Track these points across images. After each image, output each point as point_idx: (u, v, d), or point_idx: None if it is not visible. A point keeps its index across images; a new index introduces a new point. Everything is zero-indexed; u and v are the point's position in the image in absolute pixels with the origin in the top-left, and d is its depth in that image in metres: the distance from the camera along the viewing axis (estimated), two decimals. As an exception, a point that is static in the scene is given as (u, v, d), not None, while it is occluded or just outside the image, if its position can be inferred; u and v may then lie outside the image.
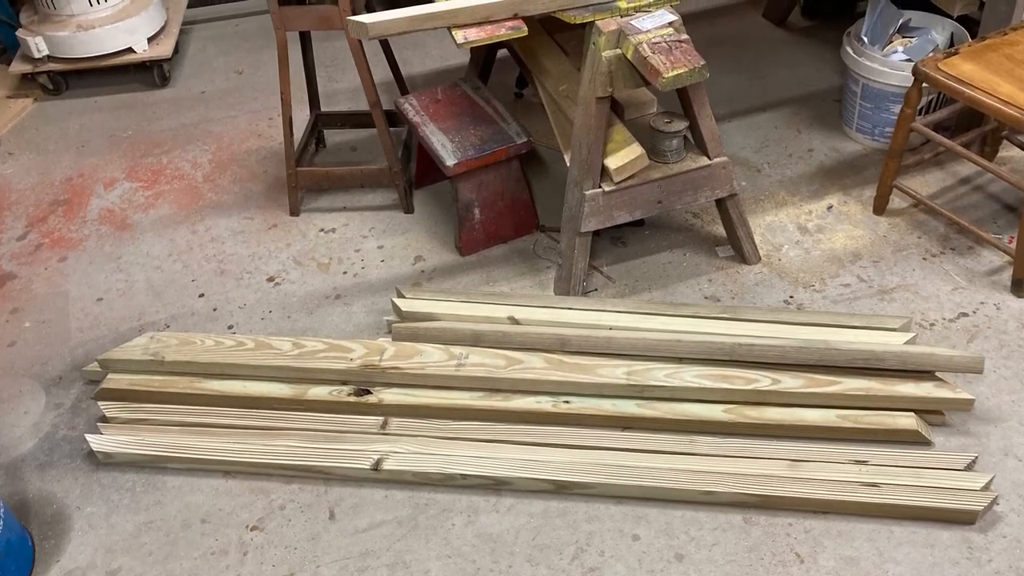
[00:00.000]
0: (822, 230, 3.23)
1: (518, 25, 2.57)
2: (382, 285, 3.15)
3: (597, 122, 2.70)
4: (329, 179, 3.44)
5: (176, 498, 2.52)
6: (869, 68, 3.37)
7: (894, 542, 2.28)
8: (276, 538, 2.41)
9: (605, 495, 2.42)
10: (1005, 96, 2.74)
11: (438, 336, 2.74)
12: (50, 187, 3.76)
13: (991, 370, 2.68)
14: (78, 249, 3.43)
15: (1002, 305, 2.89)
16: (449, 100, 3.34)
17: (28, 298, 3.22)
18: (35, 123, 4.19)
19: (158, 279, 3.26)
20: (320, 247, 3.35)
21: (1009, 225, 3.15)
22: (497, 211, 3.22)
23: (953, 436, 2.51)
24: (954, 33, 3.49)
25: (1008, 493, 2.36)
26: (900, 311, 2.89)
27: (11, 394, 2.86)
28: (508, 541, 2.35)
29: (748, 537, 2.32)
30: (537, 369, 2.62)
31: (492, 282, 3.13)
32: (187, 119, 4.13)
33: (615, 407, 2.57)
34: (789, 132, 3.72)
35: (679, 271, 3.11)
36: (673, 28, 2.55)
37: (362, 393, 2.65)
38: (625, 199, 2.86)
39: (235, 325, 3.05)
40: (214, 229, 3.47)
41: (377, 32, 2.54)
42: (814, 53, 4.20)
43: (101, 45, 4.19)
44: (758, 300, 2.98)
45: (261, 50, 4.61)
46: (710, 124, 2.85)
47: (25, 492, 2.56)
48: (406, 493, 2.48)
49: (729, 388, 2.54)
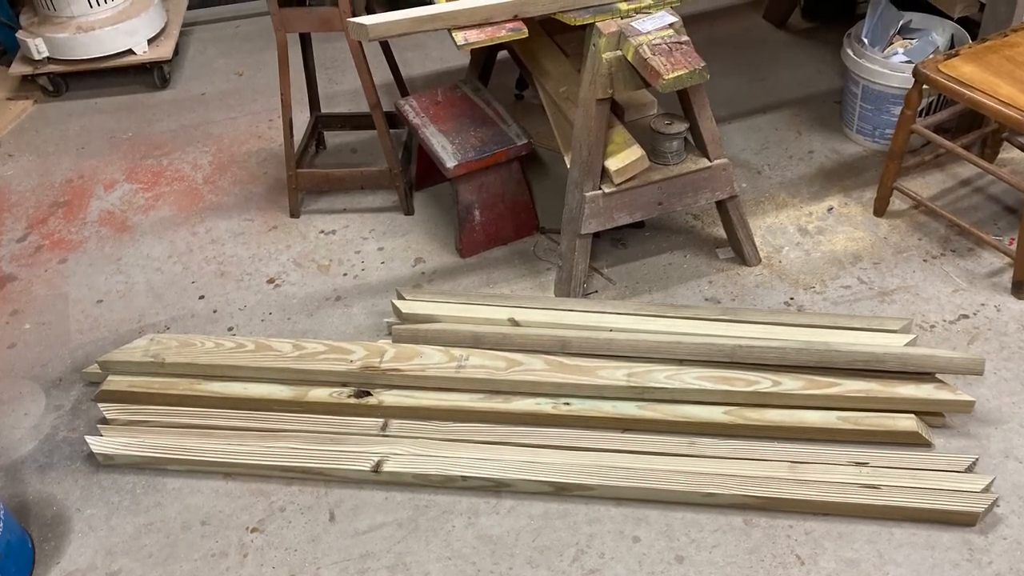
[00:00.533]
0: (822, 232, 3.22)
1: (518, 27, 2.57)
2: (382, 287, 3.15)
3: (597, 124, 2.70)
4: (329, 181, 3.44)
5: (176, 500, 2.52)
6: (869, 70, 3.37)
7: (894, 544, 2.27)
8: (276, 540, 2.40)
9: (605, 497, 2.42)
10: (1005, 98, 2.74)
11: (438, 338, 2.74)
12: (50, 189, 3.76)
13: (991, 372, 2.67)
14: (78, 251, 3.42)
15: (1002, 307, 2.88)
16: (449, 102, 3.33)
17: (28, 300, 3.22)
18: (35, 125, 4.19)
19: (158, 281, 3.26)
20: (320, 249, 3.35)
21: (1009, 227, 3.15)
22: (497, 213, 3.21)
23: (954, 438, 2.51)
24: (954, 35, 3.49)
25: (1008, 495, 2.36)
26: (900, 313, 2.89)
27: (11, 396, 2.86)
28: (508, 543, 2.35)
29: (748, 539, 2.32)
30: (537, 371, 2.62)
31: (492, 284, 3.13)
32: (187, 121, 4.13)
33: (615, 409, 2.57)
34: (789, 134, 3.72)
35: (679, 273, 3.11)
36: (673, 30, 2.54)
37: (362, 395, 2.65)
38: (625, 201, 2.86)
39: (235, 327, 3.04)
40: (214, 231, 3.46)
41: (377, 34, 2.54)
42: (814, 55, 4.20)
43: (101, 47, 4.19)
44: (758, 302, 2.97)
45: (261, 52, 4.61)
46: (710, 126, 2.85)
47: (25, 494, 2.56)
48: (406, 495, 2.48)
49: (729, 390, 2.54)
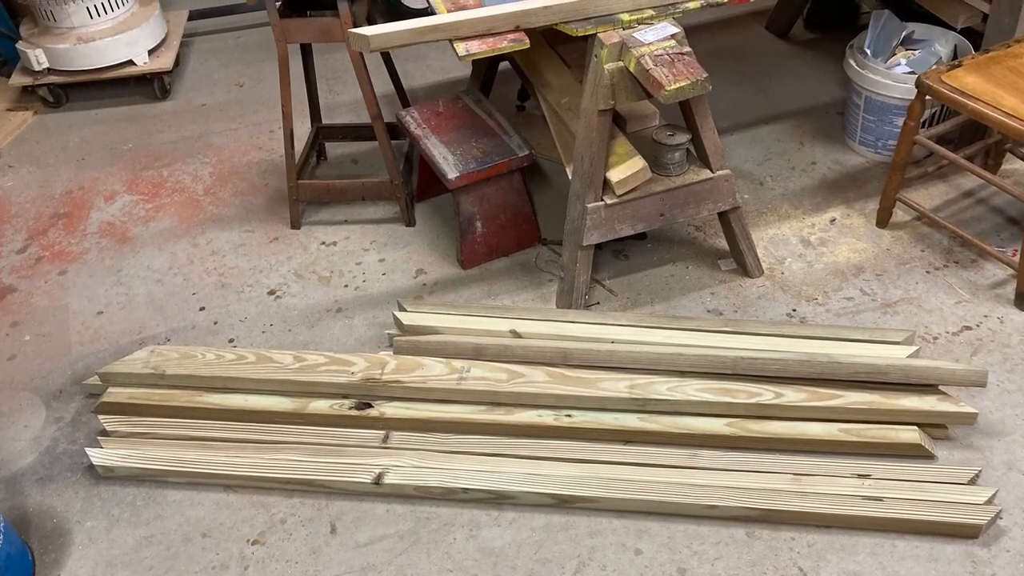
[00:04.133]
0: (825, 243, 3.22)
1: (520, 37, 2.57)
2: (383, 298, 3.15)
3: (599, 135, 2.70)
4: (330, 192, 3.44)
5: (177, 512, 2.51)
6: (872, 81, 3.37)
7: (897, 556, 2.27)
8: (277, 552, 2.40)
9: (607, 509, 2.41)
10: (1009, 109, 2.74)
11: (440, 349, 2.74)
12: (50, 200, 3.76)
13: (994, 384, 2.67)
14: (78, 262, 3.42)
15: (1005, 318, 2.88)
16: (451, 113, 3.33)
17: (28, 311, 3.21)
18: (35, 136, 4.20)
19: (159, 292, 3.25)
20: (321, 260, 3.34)
21: (1012, 238, 3.15)
22: (499, 224, 3.21)
23: (956, 450, 2.51)
24: (957, 45, 3.48)
25: (1011, 507, 2.35)
26: (903, 324, 2.88)
27: (11, 408, 2.85)
28: (510, 555, 2.34)
29: (751, 551, 2.31)
30: (539, 383, 2.62)
31: (494, 295, 3.13)
32: (188, 132, 4.13)
33: (617, 421, 2.56)
34: (792, 145, 3.72)
35: (681, 284, 3.10)
36: (675, 41, 2.54)
37: (363, 407, 2.64)
38: (627, 212, 2.86)
39: (236, 339, 3.04)
40: (215, 242, 3.46)
41: (378, 44, 2.54)
42: (817, 66, 4.20)
43: (101, 57, 4.20)
44: (761, 313, 2.97)
45: (262, 63, 4.61)
46: (713, 137, 2.85)
47: (25, 506, 2.56)
48: (407, 507, 2.47)
49: (731, 402, 2.54)
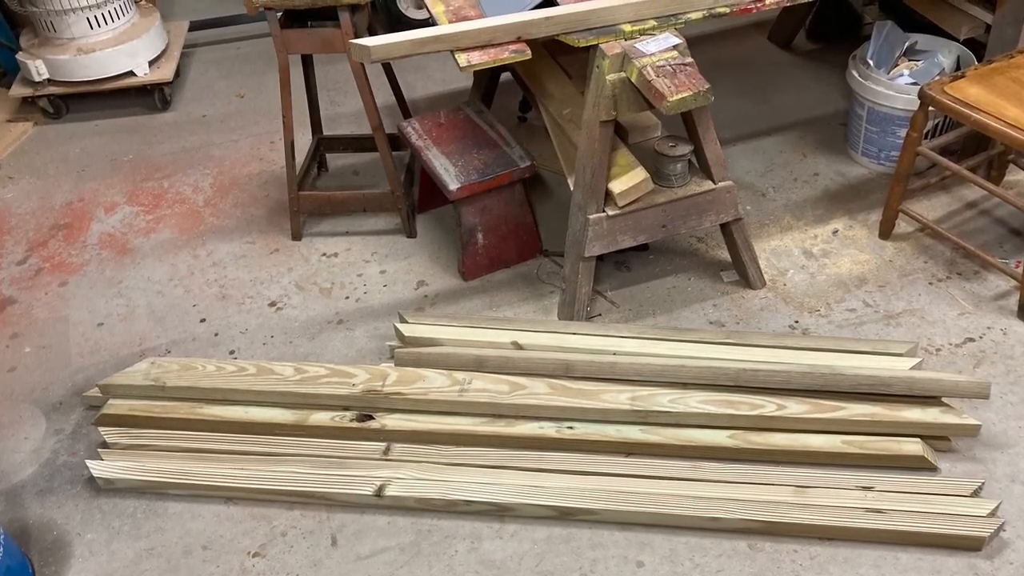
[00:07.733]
0: (827, 255, 3.21)
1: (522, 48, 2.57)
2: (384, 310, 3.14)
3: (601, 146, 2.69)
4: (331, 203, 3.44)
5: (177, 524, 2.50)
6: (875, 91, 3.37)
7: (900, 568, 2.26)
8: (278, 564, 2.38)
9: (609, 521, 2.40)
10: (1012, 120, 2.73)
11: (441, 361, 2.73)
12: (50, 211, 3.75)
13: (998, 395, 2.66)
14: (79, 274, 3.41)
15: (1009, 330, 2.87)
16: (452, 124, 3.33)
17: (28, 323, 3.21)
18: (35, 147, 4.19)
19: (159, 304, 3.25)
20: (322, 272, 3.34)
21: (1016, 250, 3.14)
22: (500, 235, 3.21)
23: (959, 462, 2.50)
24: (960, 56, 3.48)
25: (1015, 519, 2.34)
26: (906, 336, 2.87)
27: (11, 420, 2.85)
28: (511, 568, 2.33)
29: (753, 563, 2.30)
30: (541, 395, 2.61)
31: (495, 307, 3.12)
32: (188, 143, 4.13)
33: (619, 433, 2.55)
34: (794, 156, 3.71)
35: (683, 296, 3.10)
36: (677, 51, 2.54)
37: (364, 419, 2.63)
38: (629, 223, 2.86)
39: (237, 350, 3.03)
40: (215, 254, 3.46)
41: (379, 55, 2.54)
42: (819, 76, 4.20)
43: (102, 68, 4.20)
44: (763, 325, 2.96)
45: (263, 73, 4.62)
46: (715, 148, 2.85)
47: (25, 518, 2.55)
48: (409, 519, 2.46)
49: (734, 414, 2.53)
